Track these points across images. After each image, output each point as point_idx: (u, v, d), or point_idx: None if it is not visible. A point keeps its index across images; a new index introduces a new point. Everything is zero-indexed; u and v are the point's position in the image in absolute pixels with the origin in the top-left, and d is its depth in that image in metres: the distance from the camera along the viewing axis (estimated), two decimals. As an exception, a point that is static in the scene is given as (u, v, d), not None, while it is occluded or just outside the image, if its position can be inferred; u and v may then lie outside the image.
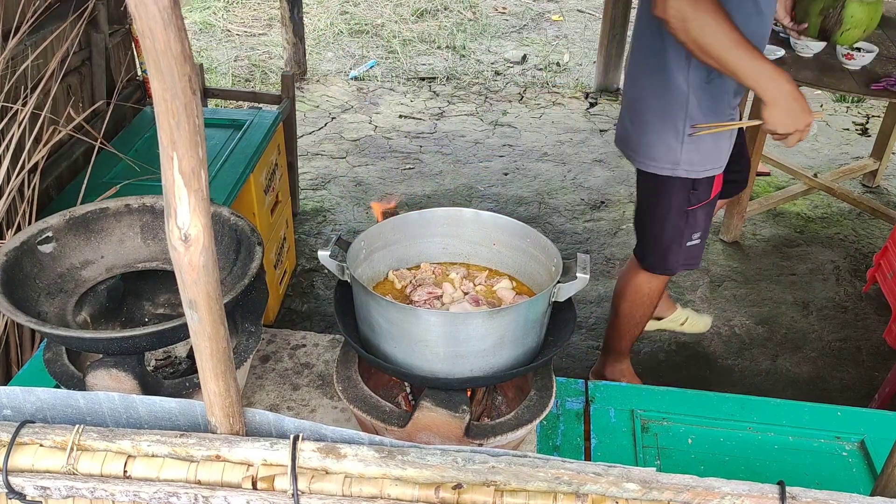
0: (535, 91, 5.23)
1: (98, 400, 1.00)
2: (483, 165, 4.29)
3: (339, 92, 5.14)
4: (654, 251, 2.29)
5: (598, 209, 3.90)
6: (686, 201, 2.14)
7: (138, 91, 3.04)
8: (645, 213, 2.28)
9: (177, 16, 0.69)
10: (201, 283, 0.82)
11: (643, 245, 2.33)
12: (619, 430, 1.52)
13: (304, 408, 1.58)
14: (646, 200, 2.24)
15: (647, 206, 2.25)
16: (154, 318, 1.61)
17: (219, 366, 0.90)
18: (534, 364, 1.30)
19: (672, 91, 1.99)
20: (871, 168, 4.07)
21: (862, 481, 1.44)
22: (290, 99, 3.32)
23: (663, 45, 1.95)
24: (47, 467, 0.93)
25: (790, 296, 3.28)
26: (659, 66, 1.99)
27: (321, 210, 3.83)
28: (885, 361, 2.91)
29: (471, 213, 1.47)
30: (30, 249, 1.39)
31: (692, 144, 2.03)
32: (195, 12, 6.18)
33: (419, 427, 1.24)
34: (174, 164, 0.75)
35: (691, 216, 2.17)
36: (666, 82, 1.99)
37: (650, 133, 2.07)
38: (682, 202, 2.14)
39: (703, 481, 0.89)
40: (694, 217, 2.18)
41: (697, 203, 2.15)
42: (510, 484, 0.90)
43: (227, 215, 1.49)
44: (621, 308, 2.48)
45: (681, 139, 2.03)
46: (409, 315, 1.22)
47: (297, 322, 3.09)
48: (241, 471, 0.92)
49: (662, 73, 1.98)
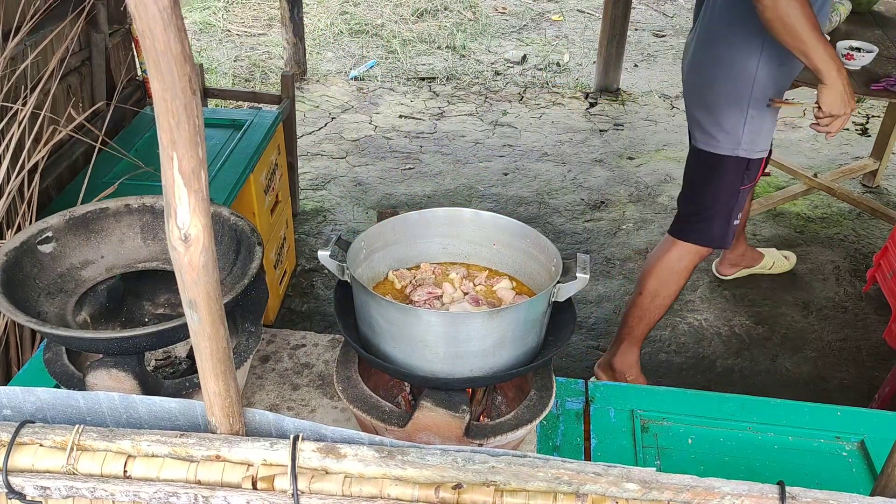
0: (535, 91, 5.23)
1: (98, 400, 1.00)
2: (483, 165, 4.29)
3: (339, 92, 5.14)
4: (700, 225, 2.45)
5: (598, 209, 3.90)
6: (739, 181, 2.36)
7: (138, 91, 3.04)
8: (698, 191, 2.45)
9: (177, 16, 0.69)
10: (201, 283, 0.82)
11: (688, 220, 2.48)
12: (619, 430, 1.52)
13: (303, 408, 1.58)
14: (701, 178, 2.43)
15: (701, 183, 2.43)
16: (154, 318, 1.61)
17: (219, 366, 0.90)
18: (534, 364, 1.30)
19: (742, 78, 2.19)
20: (870, 168, 4.07)
21: (862, 481, 1.44)
22: (290, 99, 3.32)
23: (737, 36, 2.17)
24: (47, 467, 0.93)
25: (790, 296, 3.28)
26: (730, 55, 2.19)
27: (321, 210, 3.83)
28: (885, 361, 2.91)
29: (471, 214, 1.47)
30: (30, 249, 1.39)
31: (753, 127, 2.26)
32: (195, 12, 6.18)
33: (419, 427, 1.24)
34: (174, 164, 0.75)
35: (740, 196, 2.38)
36: (736, 69, 2.19)
37: (717, 115, 2.28)
38: (735, 181, 2.36)
39: (702, 481, 0.89)
40: (742, 197, 2.40)
41: (748, 183, 2.37)
42: (510, 484, 0.90)
43: (227, 215, 1.49)
44: (648, 285, 2.53)
45: (744, 122, 2.25)
46: (409, 315, 1.22)
47: (297, 322, 3.09)
48: (240, 471, 0.92)
49: (733, 61, 2.19)
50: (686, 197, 2.50)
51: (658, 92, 5.23)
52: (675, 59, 5.75)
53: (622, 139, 4.60)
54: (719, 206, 2.40)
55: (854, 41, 3.14)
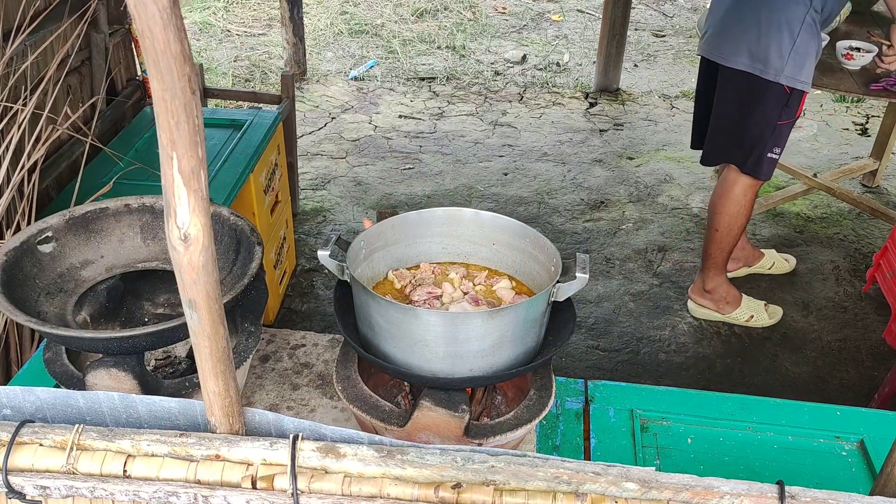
0: (534, 91, 5.23)
1: (98, 399, 1.00)
2: (483, 165, 4.29)
3: (338, 92, 5.14)
4: (752, 153, 2.62)
5: (598, 209, 3.90)
6: (777, 114, 2.51)
7: (138, 91, 3.04)
8: (741, 117, 2.59)
9: (176, 15, 0.69)
10: (201, 282, 0.82)
11: (741, 149, 2.64)
12: (619, 429, 1.52)
13: (303, 407, 1.58)
14: (740, 104, 2.58)
15: (742, 109, 2.58)
16: (154, 317, 1.61)
17: (218, 365, 0.90)
18: (533, 364, 1.30)
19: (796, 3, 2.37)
20: (870, 168, 4.07)
21: (861, 481, 1.44)
22: (289, 99, 3.32)
23: None
24: (47, 467, 0.93)
25: (790, 296, 3.28)
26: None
27: (321, 210, 3.84)
28: (885, 361, 2.92)
29: (470, 213, 1.47)
30: (30, 249, 1.39)
31: (797, 57, 2.40)
32: (195, 12, 6.18)
33: (419, 427, 1.24)
34: (174, 163, 0.75)
35: (778, 130, 2.53)
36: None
37: (764, 38, 2.42)
38: (774, 112, 2.51)
39: (702, 481, 0.89)
40: (780, 131, 2.54)
41: (787, 119, 2.50)
42: (509, 483, 0.90)
43: (227, 215, 1.49)
44: (721, 223, 2.84)
45: (790, 48, 2.40)
46: (409, 315, 1.22)
47: (296, 322, 3.09)
48: (240, 470, 0.92)
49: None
50: (729, 128, 2.66)
51: (658, 92, 5.23)
52: (675, 59, 5.75)
53: (622, 139, 4.60)
54: (759, 134, 2.54)
55: (854, 41, 3.14)
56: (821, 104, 5.09)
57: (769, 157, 2.62)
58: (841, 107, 5.07)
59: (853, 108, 5.05)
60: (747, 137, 2.62)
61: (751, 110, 2.57)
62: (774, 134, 2.57)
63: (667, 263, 3.48)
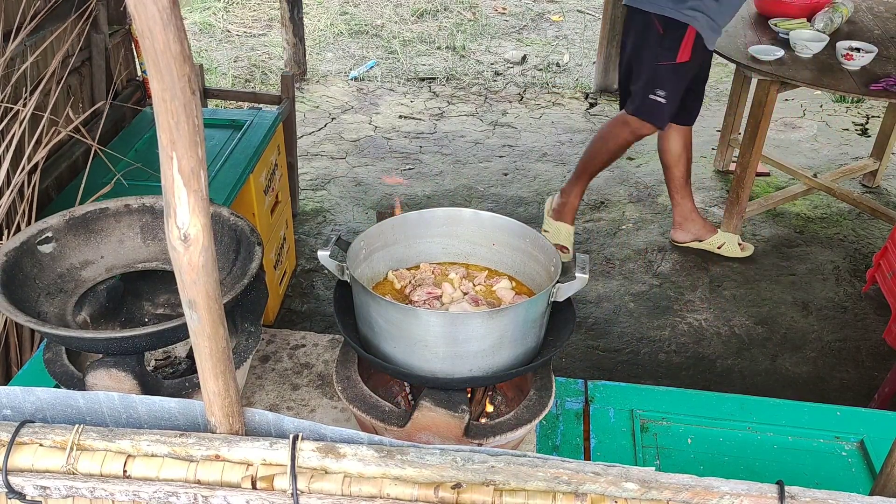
0: (534, 91, 5.23)
1: (98, 400, 1.00)
2: (483, 166, 4.29)
3: (338, 92, 5.14)
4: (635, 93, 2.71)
5: (598, 209, 3.90)
6: (655, 53, 2.55)
7: (138, 91, 3.04)
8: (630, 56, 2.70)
9: (176, 16, 0.69)
10: (201, 283, 0.82)
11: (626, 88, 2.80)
12: (619, 429, 1.52)
13: (303, 408, 1.58)
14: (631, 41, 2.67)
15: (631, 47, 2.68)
16: (154, 318, 1.61)
17: (218, 365, 0.90)
18: (533, 364, 1.30)
19: None
20: (870, 168, 4.07)
21: (861, 481, 1.44)
22: (289, 99, 3.32)
23: None
24: (47, 467, 0.93)
25: (790, 296, 3.28)
26: None
27: (321, 210, 3.84)
28: (885, 361, 2.91)
29: (470, 214, 1.47)
30: (30, 249, 1.39)
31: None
32: (195, 13, 6.18)
33: (419, 427, 1.24)
34: (173, 164, 0.75)
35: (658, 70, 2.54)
36: None
37: None
38: (652, 51, 2.58)
39: (702, 481, 0.89)
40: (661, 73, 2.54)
41: (666, 60, 2.50)
42: (509, 483, 0.90)
43: (227, 215, 1.49)
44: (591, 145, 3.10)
45: None
46: (409, 315, 1.22)
47: (296, 322, 3.09)
48: (240, 470, 0.92)
49: None
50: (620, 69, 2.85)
51: (658, 92, 5.23)
52: (674, 60, 5.75)
53: (622, 139, 4.60)
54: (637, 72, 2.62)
55: (854, 41, 3.14)
56: (821, 104, 5.09)
57: (651, 100, 2.64)
58: (841, 107, 5.07)
59: (853, 109, 5.05)
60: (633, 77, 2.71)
61: (635, 46, 2.64)
62: (656, 75, 2.58)
63: (667, 263, 3.48)
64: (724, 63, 5.21)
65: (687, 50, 2.55)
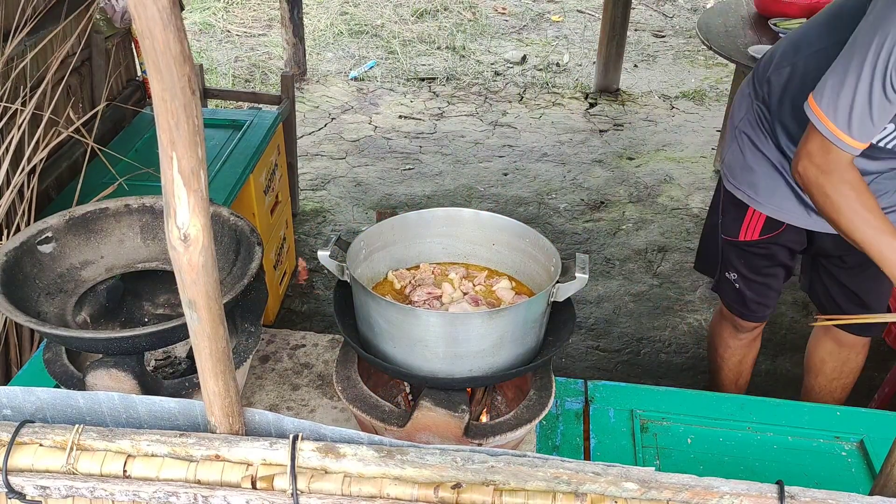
0: (534, 91, 5.23)
1: (98, 400, 1.00)
2: (483, 166, 4.29)
3: (338, 92, 5.14)
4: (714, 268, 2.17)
5: (598, 209, 3.90)
6: (716, 223, 2.06)
7: (138, 92, 3.04)
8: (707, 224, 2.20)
9: (176, 16, 0.69)
10: (200, 283, 0.82)
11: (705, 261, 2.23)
12: (619, 430, 1.52)
13: (303, 408, 1.58)
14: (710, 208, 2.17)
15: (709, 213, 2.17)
16: (154, 318, 1.61)
17: (218, 365, 0.90)
18: (533, 364, 1.30)
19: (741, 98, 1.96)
20: (870, 168, 4.06)
21: (861, 481, 1.44)
22: (289, 99, 3.32)
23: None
24: (47, 467, 0.93)
25: (790, 296, 3.28)
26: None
27: (321, 210, 3.84)
28: (885, 361, 2.91)
29: (470, 214, 1.47)
30: (30, 249, 1.39)
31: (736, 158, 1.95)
32: (195, 13, 6.18)
33: (418, 427, 1.24)
34: (173, 164, 0.75)
35: (725, 246, 2.07)
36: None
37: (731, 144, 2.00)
38: (716, 218, 2.07)
39: (701, 481, 0.89)
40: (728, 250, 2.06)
41: (729, 235, 2.03)
42: (509, 483, 0.90)
43: (227, 215, 1.49)
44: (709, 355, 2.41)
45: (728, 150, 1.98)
46: (409, 315, 1.22)
47: (296, 322, 3.09)
48: (240, 470, 0.92)
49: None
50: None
51: (658, 92, 5.23)
52: (674, 60, 5.75)
53: (622, 139, 4.60)
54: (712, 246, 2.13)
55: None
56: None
57: (726, 277, 2.12)
58: (841, 107, 5.06)
59: (853, 109, 5.04)
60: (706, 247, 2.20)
61: (709, 214, 2.16)
62: (724, 250, 2.08)
63: (667, 264, 3.48)
64: (724, 63, 5.21)
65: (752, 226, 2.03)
